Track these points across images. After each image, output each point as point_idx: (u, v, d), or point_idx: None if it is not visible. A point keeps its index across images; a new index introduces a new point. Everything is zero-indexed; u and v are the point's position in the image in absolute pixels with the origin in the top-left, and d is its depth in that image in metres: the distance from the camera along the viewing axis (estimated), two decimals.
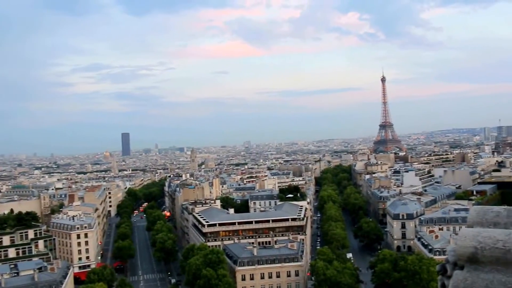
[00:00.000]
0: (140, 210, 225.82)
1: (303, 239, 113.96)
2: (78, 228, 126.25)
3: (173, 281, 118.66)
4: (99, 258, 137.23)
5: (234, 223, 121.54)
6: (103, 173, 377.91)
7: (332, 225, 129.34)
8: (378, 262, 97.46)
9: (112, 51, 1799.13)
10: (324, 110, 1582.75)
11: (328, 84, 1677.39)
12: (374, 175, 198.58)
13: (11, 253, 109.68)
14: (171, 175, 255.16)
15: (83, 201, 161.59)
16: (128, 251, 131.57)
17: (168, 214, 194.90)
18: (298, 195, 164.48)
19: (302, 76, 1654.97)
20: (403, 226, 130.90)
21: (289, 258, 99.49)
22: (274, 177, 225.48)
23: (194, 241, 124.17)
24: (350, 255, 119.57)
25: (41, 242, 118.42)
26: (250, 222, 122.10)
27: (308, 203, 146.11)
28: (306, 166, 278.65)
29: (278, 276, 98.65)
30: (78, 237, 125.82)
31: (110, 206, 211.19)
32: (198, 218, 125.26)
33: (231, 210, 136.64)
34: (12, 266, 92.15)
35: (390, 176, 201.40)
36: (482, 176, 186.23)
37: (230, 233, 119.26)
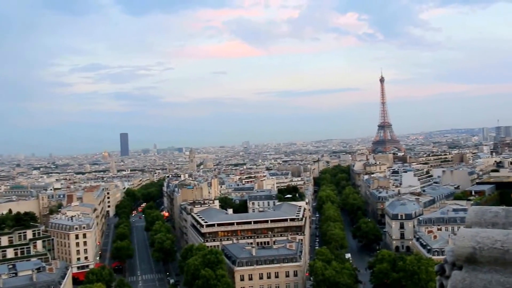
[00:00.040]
0: (138, 210, 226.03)
1: (302, 239, 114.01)
2: (76, 228, 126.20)
3: (171, 281, 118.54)
4: (98, 258, 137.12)
5: (232, 223, 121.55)
6: (102, 173, 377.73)
7: (330, 225, 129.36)
8: (376, 262, 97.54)
9: (110, 51, 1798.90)
10: (322, 111, 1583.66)
11: (326, 84, 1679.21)
12: (372, 175, 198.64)
13: (10, 253, 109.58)
14: (170, 175, 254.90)
15: (82, 201, 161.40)
16: (126, 251, 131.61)
17: (166, 214, 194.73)
18: (297, 195, 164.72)
19: (300, 76, 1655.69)
20: (402, 226, 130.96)
21: (287, 258, 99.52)
22: (273, 177, 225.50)
23: (193, 241, 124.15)
24: (348, 255, 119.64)
25: (39, 243, 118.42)
26: (249, 223, 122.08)
27: (306, 203, 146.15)
28: (305, 166, 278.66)
29: (276, 276, 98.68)
30: (77, 237, 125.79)
31: (109, 206, 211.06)
32: (197, 218, 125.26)
33: (230, 211, 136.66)
34: (10, 266, 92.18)
35: (389, 176, 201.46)
36: (480, 176, 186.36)
37: (228, 233, 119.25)
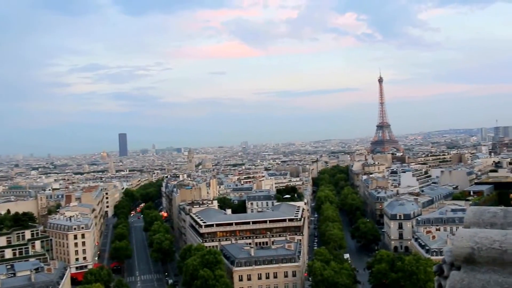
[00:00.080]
0: (137, 210, 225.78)
1: (300, 240, 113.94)
2: (75, 228, 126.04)
3: (170, 281, 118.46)
4: (96, 258, 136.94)
5: (231, 224, 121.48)
6: (100, 173, 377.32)
7: (329, 225, 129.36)
8: (375, 262, 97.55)
9: (109, 52, 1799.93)
10: (321, 111, 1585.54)
11: (325, 84, 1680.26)
12: (371, 176, 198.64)
13: (8, 253, 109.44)
14: (168, 176, 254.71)
15: (80, 201, 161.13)
16: (125, 252, 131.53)
17: (165, 214, 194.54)
18: (296, 196, 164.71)
19: (299, 76, 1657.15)
20: (400, 227, 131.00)
21: (286, 258, 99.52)
22: (271, 177, 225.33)
23: (191, 241, 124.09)
24: (347, 256, 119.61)
25: (38, 243, 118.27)
26: (248, 223, 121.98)
27: (305, 204, 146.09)
28: (303, 166, 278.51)
29: (275, 276, 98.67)
30: (75, 237, 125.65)
31: (107, 206, 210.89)
32: (195, 218, 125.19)
33: (229, 211, 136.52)
34: (8, 266, 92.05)
35: (387, 176, 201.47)
36: (479, 176, 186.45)
37: (227, 233, 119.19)
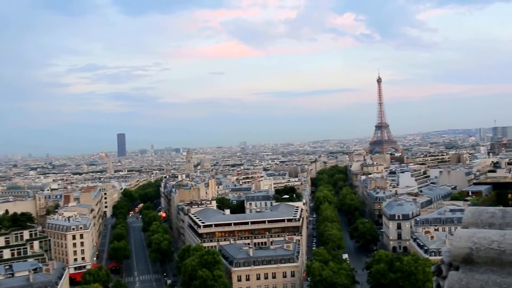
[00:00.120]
0: (135, 211, 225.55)
1: (299, 240, 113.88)
2: (73, 229, 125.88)
3: (169, 282, 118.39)
4: (95, 259, 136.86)
5: (230, 224, 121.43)
6: (99, 173, 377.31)
7: (328, 225, 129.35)
8: (374, 262, 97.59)
9: (108, 52, 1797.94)
10: (320, 111, 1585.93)
11: (324, 85, 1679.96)
12: (370, 176, 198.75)
13: (6, 254, 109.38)
14: (167, 176, 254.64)
15: (79, 202, 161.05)
16: (123, 252, 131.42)
17: (164, 215, 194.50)
18: (294, 196, 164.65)
19: (298, 77, 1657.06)
20: (399, 227, 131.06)
21: (285, 259, 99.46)
22: (270, 177, 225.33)
23: (190, 242, 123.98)
24: (346, 256, 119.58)
25: (36, 243, 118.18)
26: (246, 223, 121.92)
27: (304, 204, 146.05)
28: (302, 167, 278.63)
29: (274, 277, 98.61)
30: (74, 238, 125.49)
31: (106, 207, 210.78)
32: (194, 219, 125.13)
33: (227, 211, 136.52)
34: (7, 267, 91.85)
35: (386, 176, 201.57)
36: (477, 176, 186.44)
37: (226, 234, 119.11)
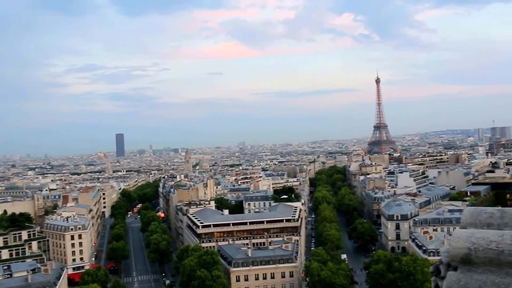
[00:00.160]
0: (134, 211, 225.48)
1: (298, 240, 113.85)
2: (72, 229, 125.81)
3: (167, 282, 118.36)
4: (93, 259, 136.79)
5: (228, 224, 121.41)
6: (97, 174, 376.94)
7: (326, 226, 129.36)
8: (372, 263, 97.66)
9: (106, 52, 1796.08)
10: (318, 111, 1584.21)
11: (322, 85, 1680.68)
12: (368, 176, 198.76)
13: (4, 254, 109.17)
14: (166, 176, 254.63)
15: (77, 202, 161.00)
16: (122, 252, 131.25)
17: (162, 215, 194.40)
18: (293, 196, 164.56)
19: (297, 77, 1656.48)
20: (398, 227, 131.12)
21: (283, 259, 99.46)
22: (269, 178, 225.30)
23: (189, 242, 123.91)
24: (344, 256, 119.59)
25: (34, 243, 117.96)
26: (245, 223, 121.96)
27: (302, 204, 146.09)
28: (301, 167, 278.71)
29: (272, 277, 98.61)
30: (72, 238, 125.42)
31: (104, 207, 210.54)
32: (193, 219, 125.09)
33: (226, 211, 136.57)
34: (5, 267, 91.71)
35: (385, 177, 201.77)
36: (476, 177, 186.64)
37: (224, 234, 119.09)
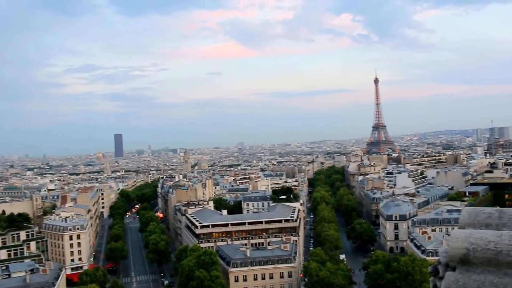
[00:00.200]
0: (133, 211, 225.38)
1: (296, 241, 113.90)
2: (70, 229, 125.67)
3: (166, 282, 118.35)
4: (92, 259, 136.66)
5: (227, 225, 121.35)
6: (96, 174, 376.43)
7: (325, 226, 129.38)
8: (371, 263, 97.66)
9: (105, 52, 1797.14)
10: (317, 112, 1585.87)
11: (321, 85, 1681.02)
12: (367, 176, 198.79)
13: (3, 254, 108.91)
14: (164, 176, 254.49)
15: (76, 202, 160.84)
16: (120, 253, 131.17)
17: (161, 215, 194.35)
18: (291, 196, 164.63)
19: (295, 77, 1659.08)
20: (396, 227, 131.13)
21: (282, 259, 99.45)
22: (267, 178, 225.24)
23: (187, 242, 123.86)
24: (343, 256, 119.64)
25: (33, 244, 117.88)
26: (243, 224, 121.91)
27: (301, 204, 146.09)
28: (299, 167, 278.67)
29: (271, 277, 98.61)
30: (71, 238, 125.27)
31: (103, 207, 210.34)
32: (191, 219, 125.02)
33: (224, 211, 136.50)
34: (3, 267, 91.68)
35: (383, 177, 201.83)
36: (474, 177, 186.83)
37: (223, 234, 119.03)
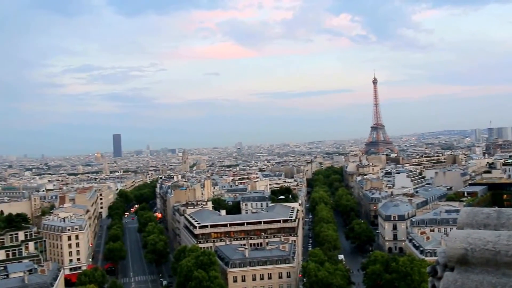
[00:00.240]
0: (131, 211, 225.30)
1: (295, 241, 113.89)
2: (69, 229, 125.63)
3: (164, 283, 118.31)
4: (90, 260, 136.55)
5: (225, 225, 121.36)
6: (94, 174, 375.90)
7: (323, 226, 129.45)
8: (369, 263, 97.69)
9: (103, 52, 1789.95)
10: (316, 112, 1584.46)
11: (320, 85, 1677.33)
12: (365, 177, 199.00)
13: (1, 255, 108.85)
14: (163, 177, 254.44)
15: (74, 202, 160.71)
16: (119, 253, 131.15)
17: (159, 215, 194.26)
18: (290, 197, 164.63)
19: (294, 77, 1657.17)
20: (395, 228, 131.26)
21: (280, 259, 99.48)
22: (266, 178, 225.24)
23: (186, 242, 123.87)
24: (341, 257, 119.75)
25: (31, 244, 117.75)
26: (242, 224, 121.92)
27: (299, 205, 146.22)
28: (298, 167, 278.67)
29: (269, 277, 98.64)
30: (69, 238, 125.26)
31: (101, 207, 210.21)
32: (190, 219, 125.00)
33: (223, 212, 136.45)
34: (1, 268, 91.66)
35: (382, 177, 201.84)
36: (473, 177, 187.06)
37: (221, 234, 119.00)
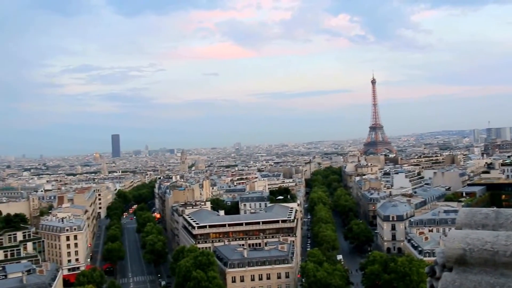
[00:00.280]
0: (130, 212, 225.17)
1: (293, 241, 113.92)
2: (67, 230, 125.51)
3: (163, 283, 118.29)
4: (89, 260, 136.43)
5: (224, 225, 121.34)
6: (93, 174, 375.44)
7: (322, 226, 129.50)
8: (368, 263, 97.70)
9: (102, 52, 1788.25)
10: (314, 112, 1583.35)
11: (318, 86, 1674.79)
12: (364, 177, 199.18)
13: None
14: (161, 177, 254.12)
15: (73, 202, 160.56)
16: (118, 253, 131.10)
17: (158, 216, 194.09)
18: (289, 197, 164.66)
19: (292, 78, 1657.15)
20: (393, 228, 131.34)
21: (279, 260, 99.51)
22: (265, 178, 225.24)
23: (184, 243, 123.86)
24: (340, 257, 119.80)
25: (29, 244, 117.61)
26: (241, 224, 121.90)
27: (298, 205, 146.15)
28: (297, 168, 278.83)
29: (268, 278, 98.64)
30: (68, 239, 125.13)
31: (100, 208, 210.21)
32: (188, 220, 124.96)
33: (221, 212, 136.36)
34: (0, 268, 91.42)
35: (380, 177, 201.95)
36: (471, 177, 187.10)
37: (220, 235, 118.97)
